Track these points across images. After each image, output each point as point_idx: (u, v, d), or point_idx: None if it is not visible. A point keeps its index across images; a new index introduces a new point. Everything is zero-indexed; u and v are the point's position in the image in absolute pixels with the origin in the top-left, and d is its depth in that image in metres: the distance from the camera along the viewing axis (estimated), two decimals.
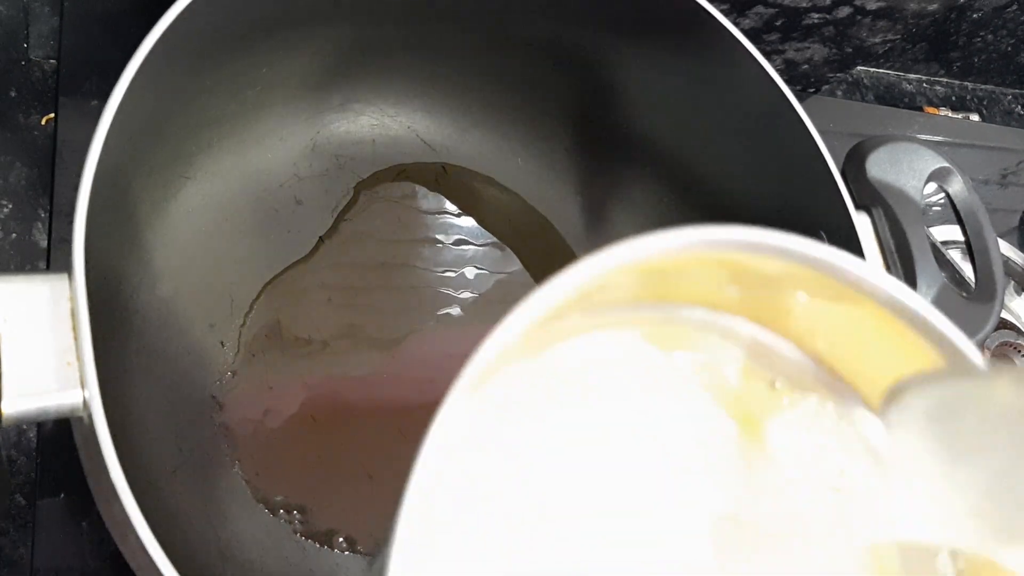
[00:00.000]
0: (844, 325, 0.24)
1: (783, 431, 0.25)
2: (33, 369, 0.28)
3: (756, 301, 0.25)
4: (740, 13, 0.53)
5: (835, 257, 0.22)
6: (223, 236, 0.43)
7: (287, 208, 0.45)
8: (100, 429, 0.27)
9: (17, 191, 0.44)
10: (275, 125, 0.45)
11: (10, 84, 0.46)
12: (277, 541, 0.40)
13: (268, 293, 0.44)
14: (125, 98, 0.31)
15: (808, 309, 0.24)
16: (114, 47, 0.33)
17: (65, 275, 0.29)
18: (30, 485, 0.40)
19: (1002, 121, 0.76)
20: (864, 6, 0.53)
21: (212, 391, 0.41)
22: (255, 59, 0.41)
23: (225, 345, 0.42)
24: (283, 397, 0.42)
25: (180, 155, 0.42)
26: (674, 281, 0.24)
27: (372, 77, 0.46)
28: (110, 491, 0.28)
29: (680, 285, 0.24)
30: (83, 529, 0.40)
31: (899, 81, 0.73)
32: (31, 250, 0.44)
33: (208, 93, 0.40)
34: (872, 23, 0.55)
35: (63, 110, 0.46)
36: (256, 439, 0.41)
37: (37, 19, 0.47)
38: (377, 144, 0.48)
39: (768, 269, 0.22)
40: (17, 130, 0.45)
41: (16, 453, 0.41)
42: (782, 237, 0.22)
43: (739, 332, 0.25)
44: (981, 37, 0.70)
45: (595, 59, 0.46)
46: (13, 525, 0.39)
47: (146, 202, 0.40)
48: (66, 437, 0.34)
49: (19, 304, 0.28)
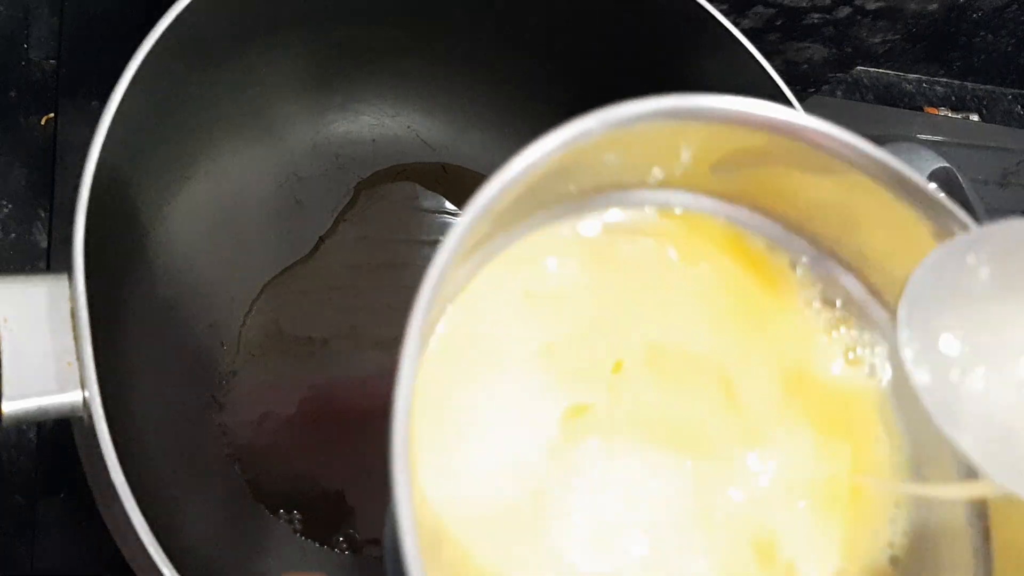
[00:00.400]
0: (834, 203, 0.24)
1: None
2: (33, 369, 0.28)
3: (744, 181, 0.25)
4: (740, 13, 0.53)
5: (820, 125, 0.22)
6: (223, 236, 0.43)
7: (287, 208, 0.45)
8: (100, 429, 0.27)
9: (17, 191, 0.44)
10: (275, 125, 0.45)
11: (10, 84, 0.46)
12: (277, 541, 0.40)
13: (268, 293, 0.44)
14: (125, 98, 0.31)
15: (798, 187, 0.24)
16: (114, 47, 0.33)
17: (65, 275, 0.29)
18: (30, 485, 0.40)
19: (1002, 121, 0.76)
20: (864, 6, 0.53)
21: (212, 391, 0.41)
22: (255, 59, 0.41)
23: (225, 345, 0.42)
24: (283, 397, 0.42)
25: (180, 155, 0.42)
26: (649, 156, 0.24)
27: (372, 77, 0.46)
28: (110, 491, 0.28)
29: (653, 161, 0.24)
30: (83, 529, 0.40)
31: (899, 81, 0.73)
32: (31, 250, 0.44)
33: (208, 93, 0.40)
34: (872, 23, 0.55)
35: (63, 110, 0.46)
36: (256, 439, 0.41)
37: (37, 19, 0.47)
38: (377, 144, 0.48)
39: (753, 143, 0.22)
40: (17, 130, 0.45)
41: (16, 453, 0.41)
42: (766, 105, 0.22)
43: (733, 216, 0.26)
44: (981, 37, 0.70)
45: (595, 59, 0.46)
46: (13, 525, 0.39)
47: (146, 202, 0.40)
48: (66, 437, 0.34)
49: (19, 304, 0.28)
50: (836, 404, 0.25)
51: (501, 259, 0.24)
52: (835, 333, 0.26)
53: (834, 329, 0.26)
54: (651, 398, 0.24)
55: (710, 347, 0.25)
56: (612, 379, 0.24)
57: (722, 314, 0.25)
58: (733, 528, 0.24)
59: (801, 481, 0.24)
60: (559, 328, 0.24)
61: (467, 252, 0.23)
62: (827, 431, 0.25)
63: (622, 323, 0.25)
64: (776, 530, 0.24)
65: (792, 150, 0.22)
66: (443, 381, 0.23)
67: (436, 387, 0.23)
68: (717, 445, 0.24)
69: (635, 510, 0.23)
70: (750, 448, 0.24)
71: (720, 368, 0.25)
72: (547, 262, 0.25)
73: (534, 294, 0.24)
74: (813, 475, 0.25)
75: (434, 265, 0.19)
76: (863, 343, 0.26)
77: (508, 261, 0.24)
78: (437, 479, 0.22)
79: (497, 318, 0.24)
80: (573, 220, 0.25)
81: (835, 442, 0.25)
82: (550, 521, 0.22)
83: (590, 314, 0.25)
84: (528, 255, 0.25)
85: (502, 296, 0.24)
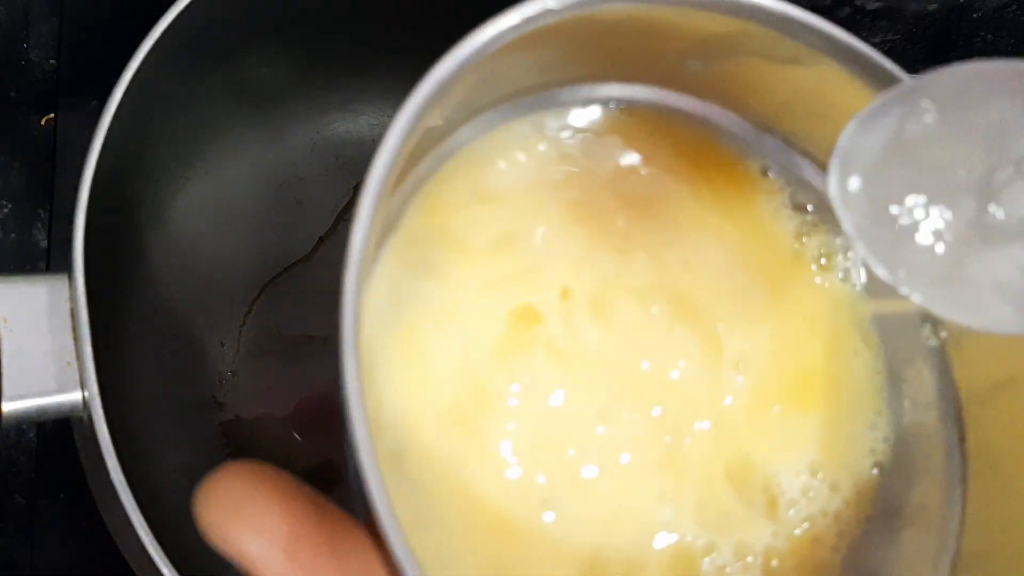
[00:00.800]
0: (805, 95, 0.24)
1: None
2: (33, 369, 0.28)
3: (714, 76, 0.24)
4: None
5: (789, 9, 0.21)
6: (223, 236, 0.43)
7: (287, 208, 0.45)
8: (100, 429, 0.27)
9: (17, 191, 0.44)
10: (275, 125, 0.45)
11: (10, 84, 0.46)
12: None
13: (268, 293, 0.44)
14: (125, 98, 0.31)
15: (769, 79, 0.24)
16: (114, 47, 0.33)
17: (65, 275, 0.29)
18: (30, 485, 0.40)
19: None
20: (864, 6, 0.53)
21: (212, 391, 0.41)
22: (255, 59, 0.41)
23: (225, 345, 0.42)
24: (283, 397, 0.42)
25: (180, 155, 0.42)
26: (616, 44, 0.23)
27: (372, 77, 0.46)
28: (110, 491, 0.28)
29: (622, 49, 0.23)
30: (83, 529, 0.40)
31: None
32: (31, 250, 0.44)
33: (208, 93, 0.40)
34: (872, 23, 0.55)
35: (63, 110, 0.46)
36: (256, 439, 0.41)
37: (37, 19, 0.47)
38: (377, 144, 0.48)
39: (722, 30, 0.22)
40: (17, 130, 0.45)
41: (16, 453, 0.41)
42: None
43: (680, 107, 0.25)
44: (981, 37, 0.70)
45: None
46: (13, 525, 0.39)
47: (146, 202, 0.40)
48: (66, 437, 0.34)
49: (19, 304, 0.28)
50: (810, 312, 0.25)
51: (461, 155, 0.24)
52: (806, 239, 0.25)
53: (805, 235, 0.25)
54: (599, 335, 0.23)
55: (669, 265, 0.24)
56: (561, 305, 0.23)
57: (685, 227, 0.24)
58: (703, 463, 0.23)
59: (774, 386, 0.24)
60: (513, 229, 0.23)
61: (425, 144, 0.22)
62: (801, 337, 0.24)
63: (574, 243, 0.24)
64: (749, 452, 0.23)
65: (762, 37, 0.22)
66: (398, 279, 0.22)
67: (391, 287, 0.22)
68: (681, 384, 0.23)
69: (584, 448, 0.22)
70: (717, 371, 0.23)
71: (680, 290, 0.24)
72: (503, 160, 0.24)
73: (490, 194, 0.24)
74: (787, 378, 0.24)
75: (382, 149, 0.18)
76: (835, 248, 0.25)
77: (467, 157, 0.24)
78: (394, 383, 0.21)
79: (453, 215, 0.23)
80: (538, 116, 0.24)
81: (808, 345, 0.24)
82: (489, 422, 0.22)
83: (543, 224, 0.24)
84: (485, 152, 0.24)
85: (457, 194, 0.23)
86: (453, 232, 0.23)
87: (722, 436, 0.23)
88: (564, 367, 0.23)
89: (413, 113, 0.18)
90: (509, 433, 0.22)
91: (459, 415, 0.22)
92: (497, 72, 0.21)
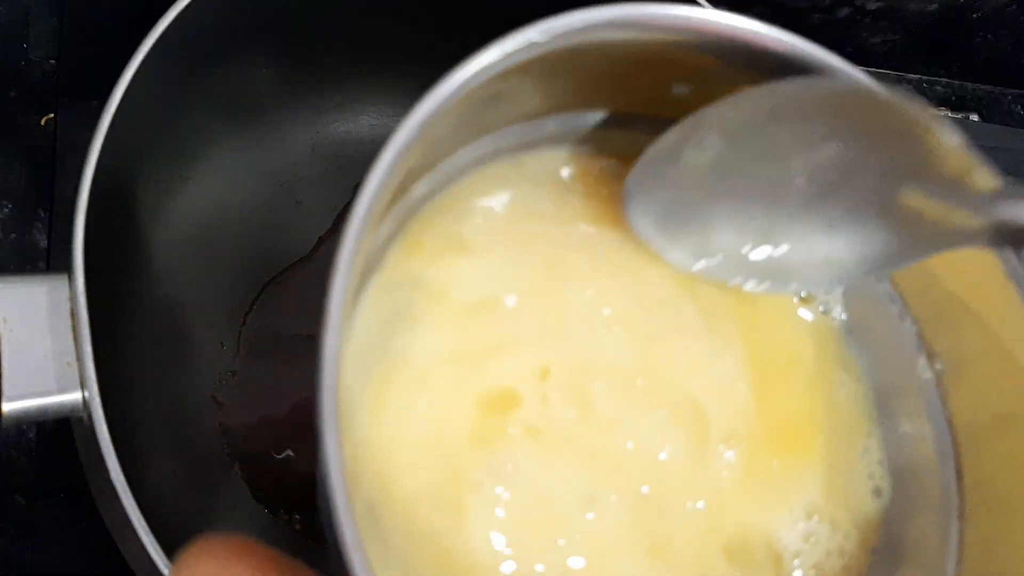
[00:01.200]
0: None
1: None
2: (33, 369, 0.28)
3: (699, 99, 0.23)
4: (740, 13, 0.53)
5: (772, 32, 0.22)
6: (223, 236, 0.43)
7: (287, 208, 0.45)
8: (100, 429, 0.27)
9: (17, 191, 0.44)
10: (275, 125, 0.45)
11: (10, 84, 0.46)
12: (277, 541, 0.40)
13: (268, 293, 0.44)
14: (125, 98, 0.31)
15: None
16: (114, 47, 0.33)
17: (65, 275, 0.29)
18: (30, 485, 0.40)
19: (1002, 121, 0.76)
20: (864, 6, 0.53)
21: (212, 391, 0.41)
22: (255, 59, 0.41)
23: (225, 345, 0.42)
24: (283, 397, 0.42)
25: (180, 155, 0.42)
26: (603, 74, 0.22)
27: (372, 77, 0.46)
28: (110, 491, 0.28)
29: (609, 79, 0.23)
30: (83, 529, 0.40)
31: (899, 81, 0.73)
32: (31, 250, 0.44)
33: (207, 93, 0.40)
34: (872, 23, 0.55)
35: (63, 110, 0.46)
36: (256, 439, 0.41)
37: (37, 19, 0.47)
38: (377, 144, 0.47)
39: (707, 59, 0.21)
40: (17, 130, 0.45)
41: (16, 453, 0.41)
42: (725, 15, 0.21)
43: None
44: (981, 37, 0.70)
45: None
46: (13, 525, 0.39)
47: (146, 202, 0.40)
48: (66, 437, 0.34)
49: (19, 305, 0.28)
50: (792, 352, 0.24)
51: (437, 201, 0.23)
52: None
53: None
54: (579, 415, 0.22)
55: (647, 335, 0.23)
56: (540, 385, 0.22)
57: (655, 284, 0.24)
58: (699, 544, 0.22)
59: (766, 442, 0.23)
60: (487, 294, 0.22)
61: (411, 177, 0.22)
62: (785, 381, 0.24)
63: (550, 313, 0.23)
64: (746, 522, 0.22)
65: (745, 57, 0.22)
66: (375, 327, 0.21)
67: (368, 334, 0.21)
68: (671, 466, 0.22)
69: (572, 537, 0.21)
70: (706, 451, 0.23)
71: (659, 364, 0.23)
72: (478, 210, 0.23)
73: (465, 244, 0.23)
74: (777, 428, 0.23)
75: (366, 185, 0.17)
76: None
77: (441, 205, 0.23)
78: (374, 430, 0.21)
79: (429, 264, 0.22)
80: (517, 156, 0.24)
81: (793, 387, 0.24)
82: (471, 510, 0.21)
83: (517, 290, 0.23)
84: (461, 199, 0.23)
85: (435, 239, 0.23)
86: (430, 284, 0.22)
87: (718, 513, 0.22)
88: (546, 451, 0.22)
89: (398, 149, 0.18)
90: (495, 522, 0.21)
91: (439, 499, 0.21)
92: (477, 108, 0.21)
